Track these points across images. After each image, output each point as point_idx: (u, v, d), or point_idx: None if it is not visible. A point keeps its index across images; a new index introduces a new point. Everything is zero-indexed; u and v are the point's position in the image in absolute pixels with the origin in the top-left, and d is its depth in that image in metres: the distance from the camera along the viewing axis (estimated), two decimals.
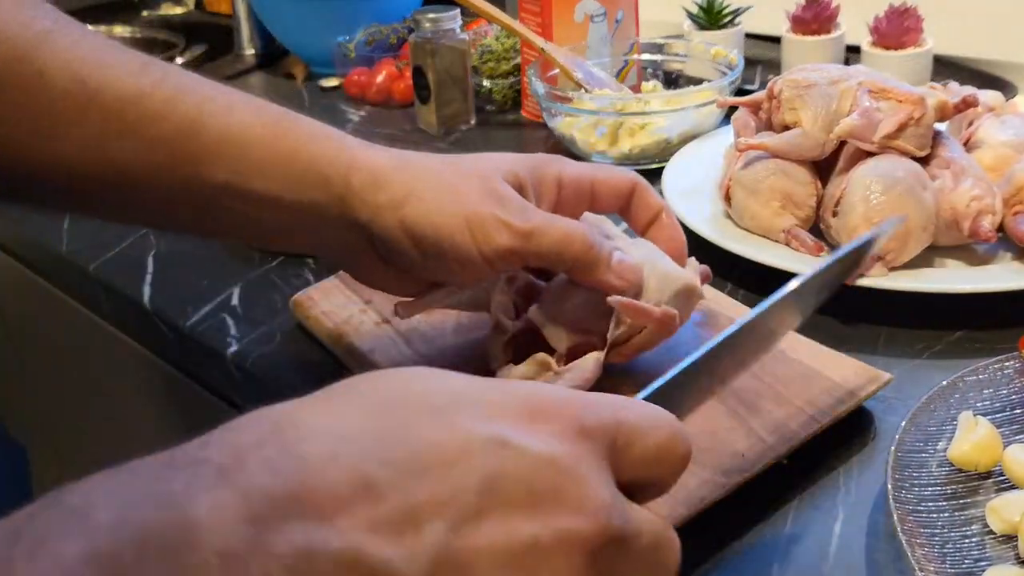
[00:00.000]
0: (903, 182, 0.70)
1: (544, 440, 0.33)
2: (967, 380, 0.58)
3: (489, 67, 1.19)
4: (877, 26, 1.06)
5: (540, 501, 0.32)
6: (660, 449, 0.37)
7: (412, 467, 0.31)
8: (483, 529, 0.31)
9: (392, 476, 0.31)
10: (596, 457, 0.34)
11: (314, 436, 0.31)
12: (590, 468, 0.34)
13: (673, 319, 0.58)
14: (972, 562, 0.47)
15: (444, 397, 0.34)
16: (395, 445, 0.31)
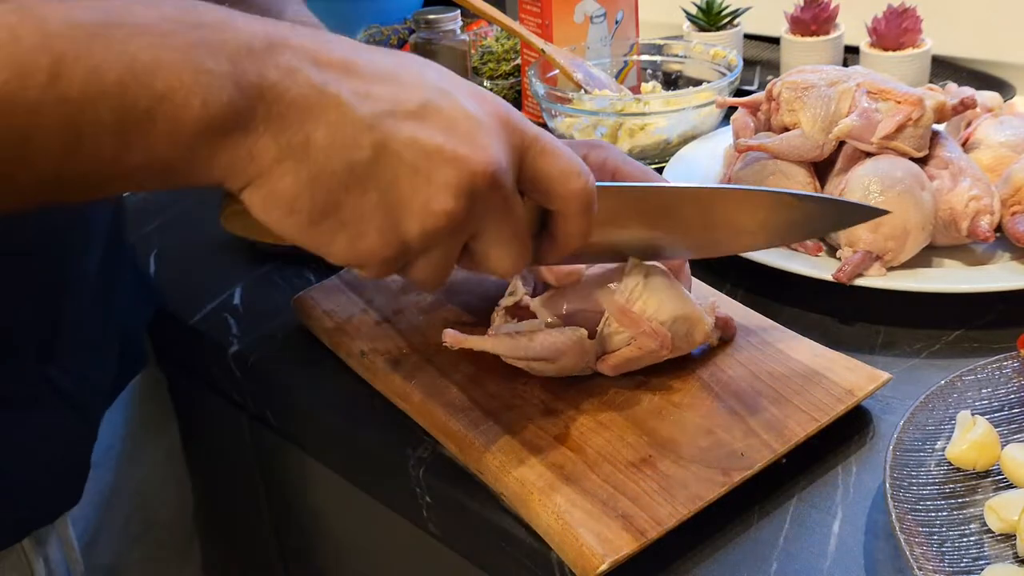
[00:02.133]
0: (902, 182, 0.71)
1: (477, 108, 0.46)
2: (965, 379, 0.58)
3: (489, 68, 1.19)
4: (876, 27, 1.06)
5: (456, 132, 0.44)
6: (562, 173, 0.48)
7: (384, 74, 0.44)
8: (410, 124, 0.44)
9: (368, 70, 0.44)
10: (510, 142, 0.46)
11: (336, 45, 0.45)
12: (500, 140, 0.46)
13: (662, 338, 0.59)
14: (970, 561, 0.48)
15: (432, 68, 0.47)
16: (382, 61, 0.45)
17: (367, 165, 0.43)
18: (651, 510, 0.51)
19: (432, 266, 0.48)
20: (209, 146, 0.40)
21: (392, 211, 0.44)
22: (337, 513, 0.81)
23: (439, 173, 0.44)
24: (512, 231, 0.48)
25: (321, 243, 0.45)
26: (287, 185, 0.42)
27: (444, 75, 0.47)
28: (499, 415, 0.59)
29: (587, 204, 0.50)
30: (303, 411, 0.69)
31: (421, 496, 0.61)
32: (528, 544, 0.54)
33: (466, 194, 0.45)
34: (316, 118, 0.42)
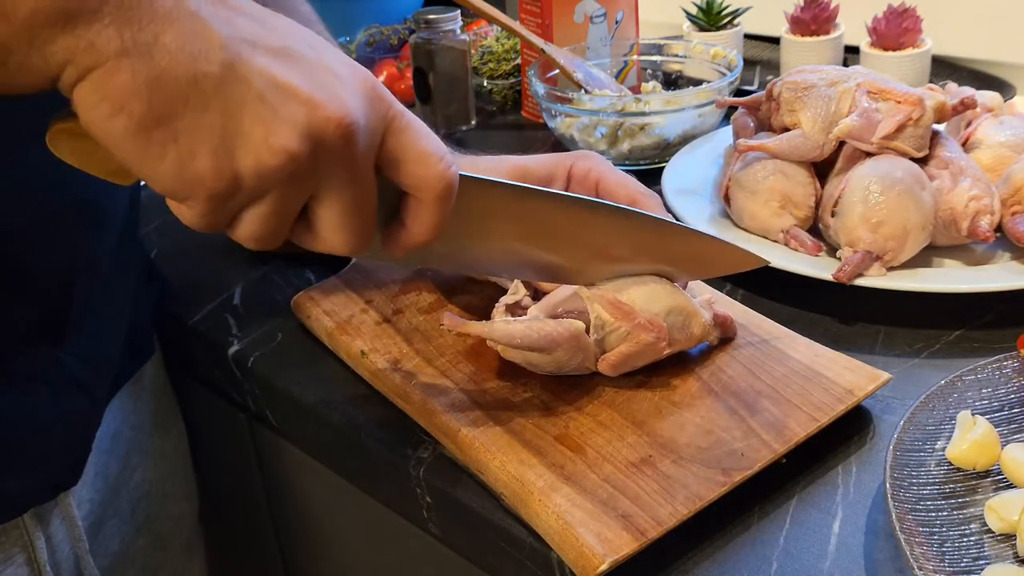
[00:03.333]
0: (902, 182, 0.71)
1: (344, 68, 0.45)
2: (965, 379, 0.58)
3: (489, 68, 1.19)
4: (876, 27, 1.06)
5: (314, 79, 0.43)
6: (421, 154, 0.46)
7: (254, 13, 0.44)
8: (267, 57, 0.42)
9: (238, 3, 0.43)
10: (372, 108, 0.45)
11: None
12: (361, 101, 0.44)
13: (657, 329, 0.59)
14: (970, 561, 0.48)
15: None
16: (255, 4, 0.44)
17: (213, 81, 0.41)
18: (651, 510, 0.51)
19: (262, 220, 0.44)
20: (49, 27, 0.39)
21: (230, 137, 0.42)
22: (337, 513, 0.81)
23: (287, 109, 0.42)
24: (357, 199, 0.45)
25: (146, 156, 0.41)
26: (123, 81, 0.39)
27: (317, 38, 0.46)
28: (499, 415, 0.59)
29: (444, 191, 0.47)
30: (303, 411, 0.69)
31: (421, 496, 0.61)
32: (528, 544, 0.54)
33: (312, 139, 0.42)
34: (168, 22, 0.40)
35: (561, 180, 0.65)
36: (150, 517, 0.81)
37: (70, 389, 0.67)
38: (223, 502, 0.98)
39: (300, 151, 0.42)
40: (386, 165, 0.46)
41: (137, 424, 0.79)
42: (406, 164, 0.46)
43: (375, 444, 0.63)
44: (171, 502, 0.84)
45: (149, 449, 0.81)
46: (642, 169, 0.98)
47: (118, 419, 0.74)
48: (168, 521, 0.84)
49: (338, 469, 0.71)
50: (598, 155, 0.65)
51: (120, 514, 0.77)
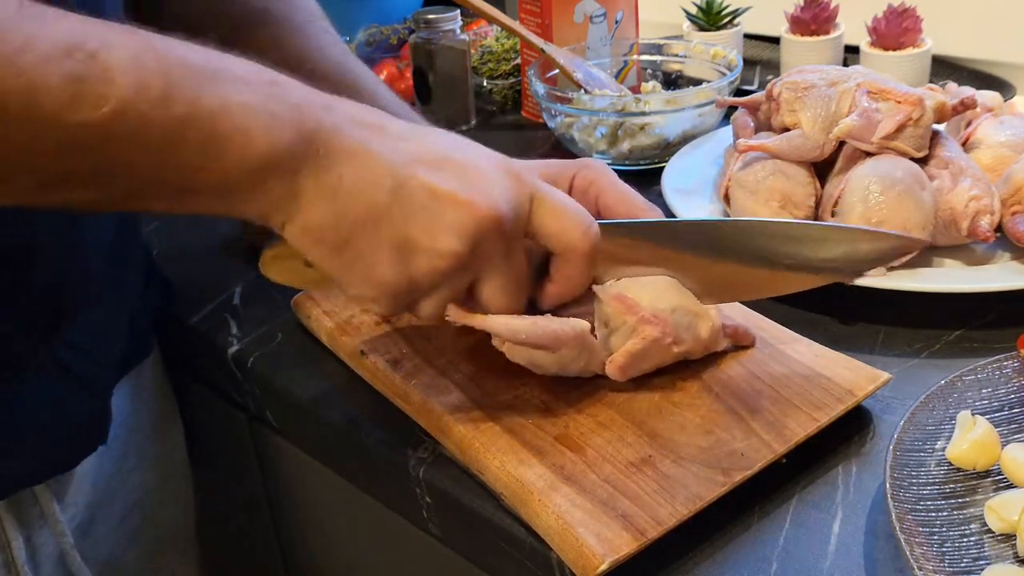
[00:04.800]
0: (902, 182, 0.71)
1: (489, 163, 0.52)
2: (965, 379, 0.58)
3: (489, 68, 1.19)
4: (876, 27, 1.06)
5: (466, 181, 0.50)
6: (563, 221, 0.54)
7: (410, 134, 0.52)
8: (426, 170, 0.50)
9: (396, 131, 0.52)
10: (517, 193, 0.52)
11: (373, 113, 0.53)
12: (507, 191, 0.51)
13: (662, 323, 0.58)
14: (970, 561, 0.48)
15: None
16: (408, 126, 0.53)
17: (385, 204, 0.49)
18: (651, 510, 0.51)
19: (437, 305, 0.53)
20: (267, 177, 0.47)
21: (403, 247, 0.50)
22: (337, 513, 0.81)
23: (448, 215, 0.50)
24: (512, 276, 0.54)
25: (342, 272, 0.51)
26: (317, 219, 0.49)
27: (463, 140, 0.54)
28: (499, 415, 0.59)
29: (587, 250, 0.55)
30: (303, 411, 0.69)
31: (421, 496, 0.61)
32: (528, 544, 0.54)
33: (471, 237, 0.50)
34: (348, 163, 0.49)
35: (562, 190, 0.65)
36: (145, 523, 0.81)
37: (66, 381, 0.67)
38: (223, 502, 0.97)
39: (462, 250, 0.50)
40: (534, 235, 0.54)
41: (135, 426, 0.79)
42: (551, 233, 0.54)
43: (375, 444, 0.63)
44: (167, 508, 0.84)
45: (146, 452, 0.80)
46: (642, 169, 0.98)
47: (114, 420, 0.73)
48: (163, 528, 0.84)
49: (338, 469, 0.71)
50: (602, 166, 0.65)
51: (111, 518, 0.77)
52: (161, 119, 0.44)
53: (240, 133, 0.46)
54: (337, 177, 0.49)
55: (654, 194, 0.91)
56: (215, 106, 0.46)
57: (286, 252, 0.56)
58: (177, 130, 0.45)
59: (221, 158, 0.46)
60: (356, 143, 0.49)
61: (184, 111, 0.45)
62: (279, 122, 0.47)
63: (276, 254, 0.58)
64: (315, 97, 0.50)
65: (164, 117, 0.44)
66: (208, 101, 0.46)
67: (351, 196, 0.49)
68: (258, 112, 0.47)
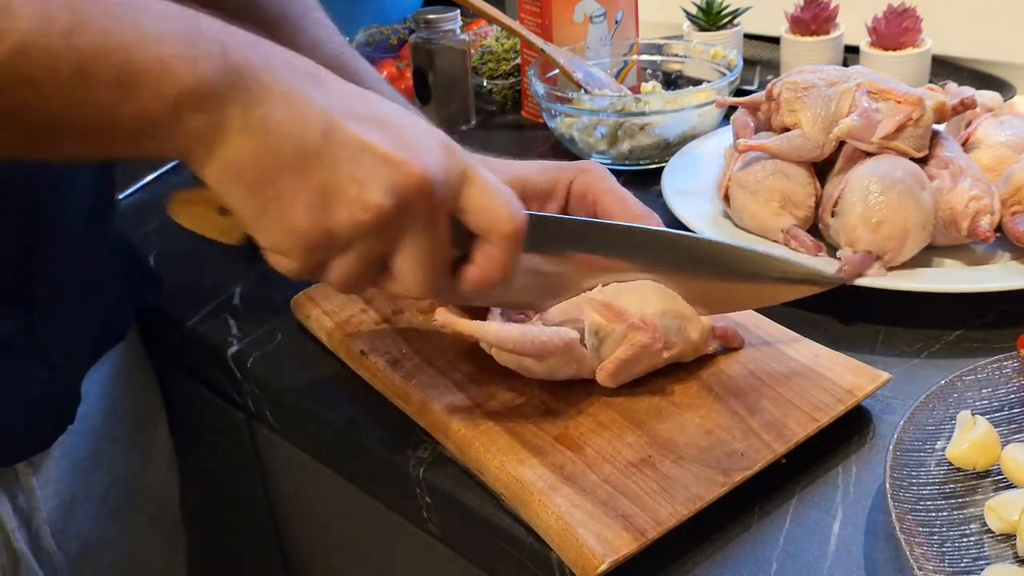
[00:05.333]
0: (902, 182, 0.71)
1: (425, 132, 0.51)
2: (965, 379, 0.58)
3: (489, 68, 1.19)
4: (876, 27, 1.06)
5: (400, 142, 0.49)
6: (491, 202, 0.52)
7: (346, 89, 0.51)
8: (360, 124, 0.49)
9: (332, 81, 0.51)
10: (449, 165, 0.51)
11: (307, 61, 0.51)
12: (440, 159, 0.50)
13: (652, 329, 0.58)
14: (970, 561, 0.48)
15: None
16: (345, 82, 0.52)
17: (314, 147, 0.48)
18: (651, 510, 0.51)
19: (350, 267, 0.51)
20: (189, 109, 0.45)
21: (326, 196, 0.48)
22: (337, 513, 0.81)
23: (377, 170, 0.48)
24: (432, 246, 0.52)
25: (257, 216, 0.49)
26: (240, 155, 0.47)
27: (402, 109, 0.53)
28: (499, 415, 0.59)
29: (512, 233, 0.53)
30: (303, 411, 0.69)
31: (421, 496, 0.61)
32: (528, 544, 0.54)
33: (399, 195, 0.49)
34: (280, 102, 0.47)
35: (560, 195, 0.65)
36: (124, 503, 0.82)
37: (36, 360, 0.67)
38: (223, 502, 0.97)
39: (388, 206, 0.48)
40: (460, 211, 0.52)
41: (108, 410, 0.80)
42: (477, 210, 0.52)
43: (375, 444, 0.63)
44: (149, 491, 0.85)
45: (121, 435, 0.81)
46: (642, 169, 0.98)
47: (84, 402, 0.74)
48: (144, 509, 0.84)
49: (338, 469, 0.71)
50: (599, 170, 0.65)
51: (91, 498, 0.78)
52: (69, 53, 0.42)
53: (157, 64, 0.44)
54: (265, 113, 0.47)
55: (654, 194, 0.91)
56: (129, 39, 0.44)
57: (199, 197, 0.53)
58: (87, 64, 0.43)
59: (137, 92, 0.44)
60: (289, 83, 0.48)
61: (94, 44, 0.43)
62: (201, 54, 0.45)
63: (188, 198, 0.54)
64: (244, 34, 0.48)
65: (72, 51, 0.42)
66: (120, 33, 0.44)
67: (279, 134, 0.47)
68: (177, 44, 0.45)
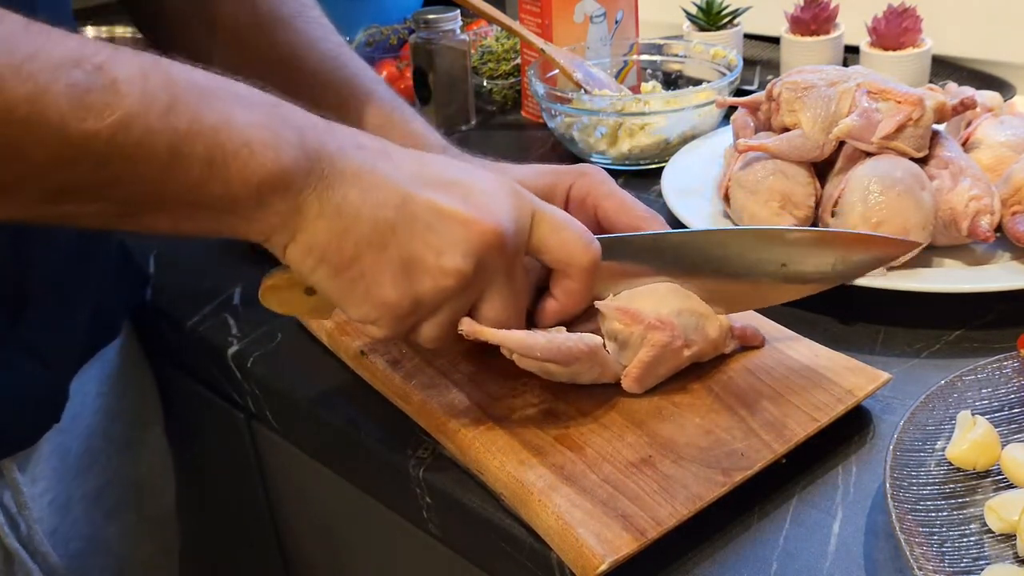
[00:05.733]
0: (902, 182, 0.71)
1: (491, 184, 0.53)
2: (965, 379, 0.58)
3: (489, 68, 1.19)
4: (876, 27, 1.06)
5: (469, 201, 0.51)
6: (564, 238, 0.55)
7: (413, 158, 0.53)
8: (430, 190, 0.51)
9: (399, 154, 0.53)
10: (519, 212, 0.53)
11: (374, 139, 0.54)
12: (509, 209, 0.52)
13: (669, 327, 0.58)
14: (970, 561, 0.48)
15: None
16: (410, 152, 0.54)
17: (389, 223, 0.50)
18: (651, 510, 0.51)
19: (439, 326, 0.53)
20: (270, 194, 0.48)
21: (408, 266, 0.50)
22: (337, 513, 0.81)
23: (452, 233, 0.50)
24: (514, 293, 0.54)
25: (344, 294, 0.51)
26: (320, 238, 0.49)
27: (463, 163, 0.55)
28: (499, 415, 0.59)
29: (588, 265, 0.55)
30: (303, 411, 0.69)
31: (421, 496, 0.61)
32: (528, 544, 0.54)
33: (476, 254, 0.51)
34: (353, 182, 0.50)
35: (559, 200, 0.65)
36: (120, 503, 0.82)
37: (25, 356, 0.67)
38: (223, 502, 0.98)
39: (466, 267, 0.51)
40: (535, 251, 0.55)
41: (102, 409, 0.80)
42: (552, 249, 0.55)
43: (375, 444, 0.63)
44: (142, 491, 0.85)
45: (114, 435, 0.81)
46: (642, 169, 0.98)
47: (76, 401, 0.74)
48: (137, 511, 0.84)
49: (338, 469, 0.71)
50: (599, 173, 0.65)
51: (86, 497, 0.78)
52: (165, 131, 0.45)
53: (244, 148, 0.47)
54: (342, 196, 0.49)
55: (654, 194, 0.91)
56: (218, 121, 0.46)
57: (284, 281, 0.56)
58: (181, 143, 0.45)
59: (224, 172, 0.47)
60: (360, 164, 0.50)
61: (188, 125, 0.45)
62: (282, 140, 0.48)
63: (274, 284, 0.57)
64: (317, 120, 0.51)
65: (168, 129, 0.45)
66: (211, 116, 0.46)
67: (355, 215, 0.49)
68: (261, 129, 0.47)
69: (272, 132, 0.48)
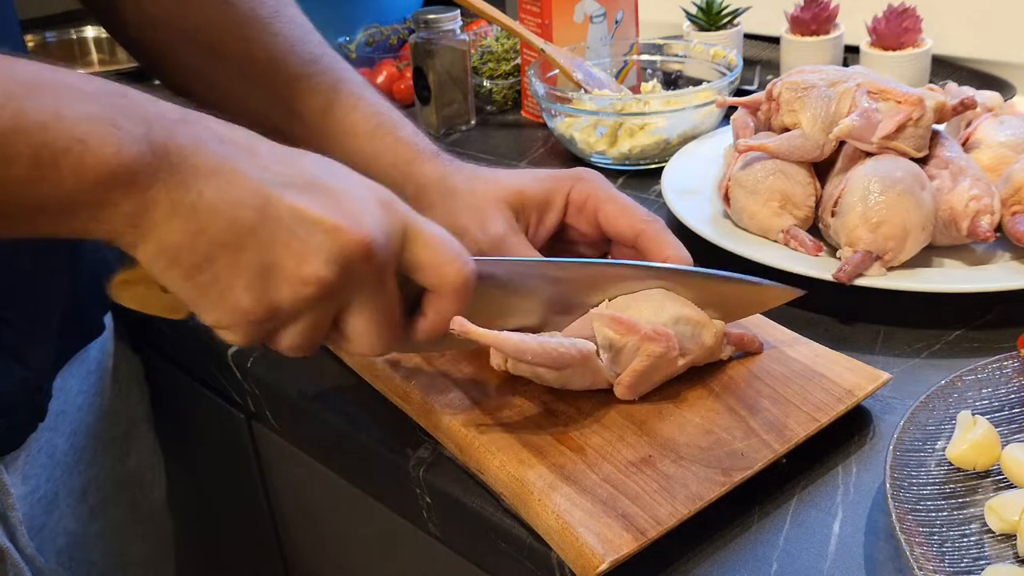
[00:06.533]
0: (902, 182, 0.71)
1: (362, 191, 0.50)
2: (965, 379, 0.58)
3: (489, 68, 1.19)
4: (876, 27, 1.06)
5: (337, 207, 0.48)
6: (437, 256, 0.51)
7: (281, 157, 0.49)
8: (295, 193, 0.47)
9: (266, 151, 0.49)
10: (390, 223, 0.50)
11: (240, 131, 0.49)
12: (380, 220, 0.49)
13: (665, 338, 0.57)
14: (971, 561, 0.48)
15: None
16: (280, 148, 0.50)
17: (248, 225, 0.46)
18: (651, 510, 0.51)
19: (298, 335, 0.50)
20: (113, 192, 0.44)
21: (265, 272, 0.47)
22: (337, 513, 0.81)
23: (315, 240, 0.47)
24: (381, 307, 0.50)
25: (196, 297, 0.47)
26: (172, 239, 0.45)
27: (338, 166, 0.51)
28: (499, 415, 0.59)
29: (460, 286, 0.52)
30: (303, 411, 0.69)
31: (421, 496, 0.61)
32: (528, 544, 0.54)
33: (339, 263, 0.47)
34: (209, 179, 0.46)
35: (558, 206, 0.65)
36: (105, 500, 0.82)
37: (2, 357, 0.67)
38: (222, 502, 0.98)
39: (329, 276, 0.47)
40: (406, 268, 0.52)
41: (84, 406, 0.80)
42: (424, 266, 0.51)
43: (375, 444, 0.63)
44: (129, 488, 0.85)
45: (98, 432, 0.81)
46: (642, 169, 0.98)
47: (60, 399, 0.74)
48: (124, 508, 0.84)
49: (338, 469, 0.71)
50: (597, 177, 0.64)
51: (73, 494, 0.78)
52: None
53: (77, 144, 0.43)
54: (197, 193, 0.45)
55: (654, 194, 0.91)
56: (46, 117, 0.43)
57: (138, 276, 0.51)
58: (3, 143, 0.42)
59: (55, 171, 0.43)
60: (220, 160, 0.46)
61: (10, 123, 0.42)
62: (124, 133, 0.44)
63: (126, 279, 0.52)
64: (169, 111, 0.47)
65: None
66: (37, 112, 0.43)
67: (211, 215, 0.45)
68: (98, 122, 0.44)
69: (111, 125, 0.44)
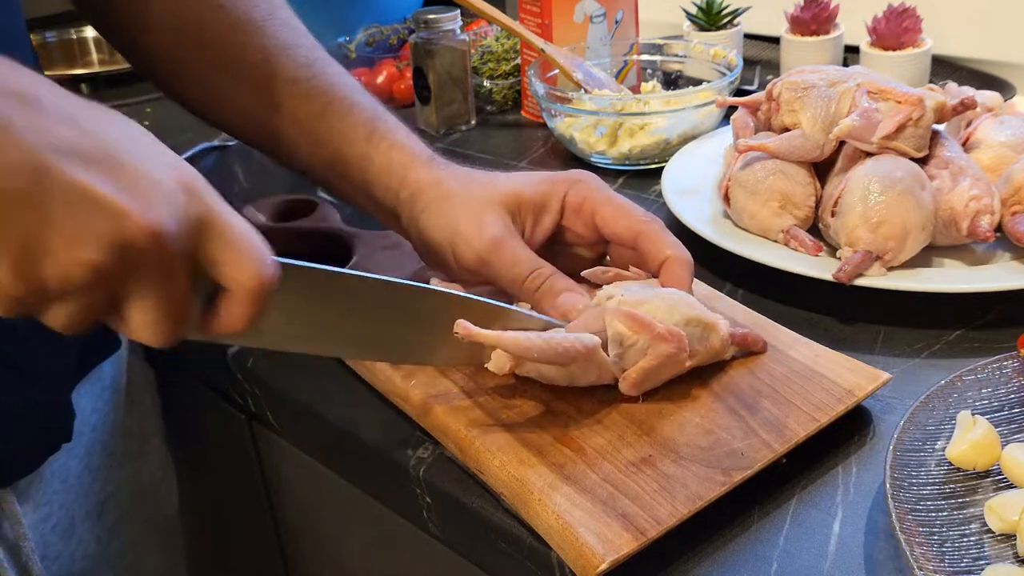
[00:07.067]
0: (902, 182, 0.71)
1: (162, 171, 0.44)
2: (965, 379, 0.58)
3: (489, 68, 1.19)
4: (876, 27, 1.06)
5: (128, 188, 0.43)
6: (236, 255, 0.46)
7: (69, 115, 0.43)
8: (81, 167, 0.42)
9: (52, 106, 0.42)
10: (188, 210, 0.45)
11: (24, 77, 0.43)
12: (176, 206, 0.44)
13: (677, 339, 0.57)
14: (970, 561, 0.48)
15: None
16: (71, 103, 0.44)
17: (17, 195, 0.41)
18: (651, 509, 0.51)
19: (67, 316, 0.45)
20: None
21: (34, 248, 0.41)
22: (337, 513, 0.81)
23: (95, 223, 0.42)
24: (166, 300, 0.45)
25: None
26: None
27: (142, 135, 0.46)
28: (499, 415, 0.59)
29: (256, 289, 0.48)
30: (303, 411, 0.69)
31: (421, 496, 0.61)
32: (528, 544, 0.54)
33: (119, 251, 0.42)
34: None
35: (554, 208, 0.65)
36: (122, 518, 0.81)
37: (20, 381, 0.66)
38: (223, 502, 0.98)
39: (104, 263, 0.42)
40: (202, 262, 0.46)
41: (99, 425, 0.79)
42: (220, 263, 0.47)
43: (375, 444, 0.63)
44: (145, 504, 0.85)
45: (113, 449, 0.81)
46: (642, 169, 0.98)
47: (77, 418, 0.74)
48: (142, 523, 0.84)
49: (338, 469, 0.71)
50: (594, 179, 0.64)
51: (90, 515, 0.77)
52: None
53: None
54: None
55: (654, 194, 0.91)
56: None
57: None
58: None
59: None
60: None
61: None
62: None
63: None
64: None
65: None
66: None
67: None
68: None
69: None
